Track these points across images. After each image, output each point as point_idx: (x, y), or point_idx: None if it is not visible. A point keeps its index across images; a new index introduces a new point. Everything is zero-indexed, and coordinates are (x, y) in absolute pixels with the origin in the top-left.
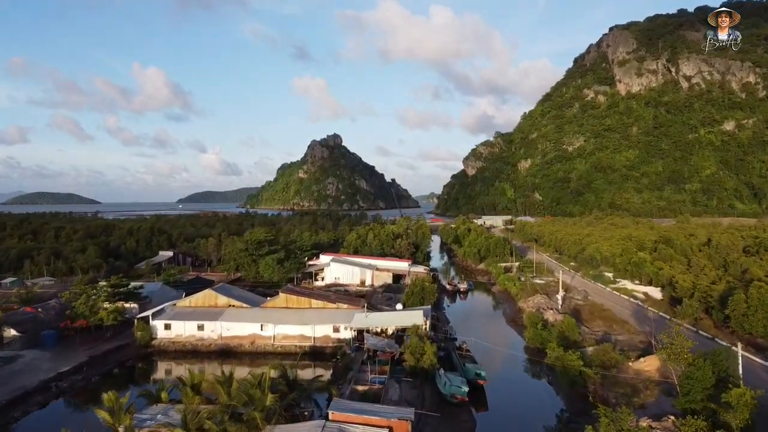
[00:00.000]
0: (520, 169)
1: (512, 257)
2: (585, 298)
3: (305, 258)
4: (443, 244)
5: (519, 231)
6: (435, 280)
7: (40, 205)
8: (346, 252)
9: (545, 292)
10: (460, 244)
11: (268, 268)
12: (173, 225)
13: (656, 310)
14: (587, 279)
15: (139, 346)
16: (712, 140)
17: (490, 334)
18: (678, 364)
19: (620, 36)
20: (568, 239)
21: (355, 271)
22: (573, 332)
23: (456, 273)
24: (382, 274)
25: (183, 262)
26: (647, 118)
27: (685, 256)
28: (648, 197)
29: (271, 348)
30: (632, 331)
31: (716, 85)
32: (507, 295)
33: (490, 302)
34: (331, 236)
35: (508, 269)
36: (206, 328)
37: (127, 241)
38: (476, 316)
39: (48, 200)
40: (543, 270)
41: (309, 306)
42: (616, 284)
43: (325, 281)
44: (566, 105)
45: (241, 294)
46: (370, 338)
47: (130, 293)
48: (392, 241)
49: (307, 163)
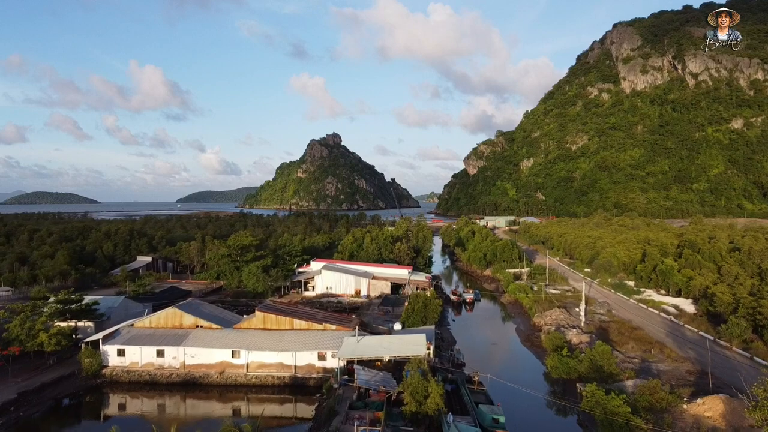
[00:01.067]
0: (522, 168)
1: (521, 262)
2: (609, 312)
3: (294, 265)
4: (445, 246)
5: (524, 232)
6: (438, 290)
7: (38, 205)
8: (340, 257)
9: (562, 304)
10: (464, 247)
11: (252, 276)
12: (160, 226)
13: (694, 328)
14: (606, 288)
15: (87, 376)
16: (720, 138)
17: (503, 359)
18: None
19: (624, 32)
20: (579, 242)
21: (349, 280)
22: (608, 362)
23: (460, 279)
24: (380, 283)
25: (163, 268)
26: (653, 116)
27: (714, 262)
28: (654, 197)
29: (243, 379)
30: (674, 357)
31: (724, 82)
32: (519, 307)
33: (500, 316)
34: (327, 239)
35: (517, 276)
36: (167, 355)
37: (104, 245)
38: (486, 334)
39: (46, 200)
40: (556, 277)
41: (291, 327)
42: (641, 295)
43: (316, 291)
44: (569, 103)
45: (211, 312)
46: (362, 373)
47: (84, 310)
48: (391, 245)
49: (306, 162)
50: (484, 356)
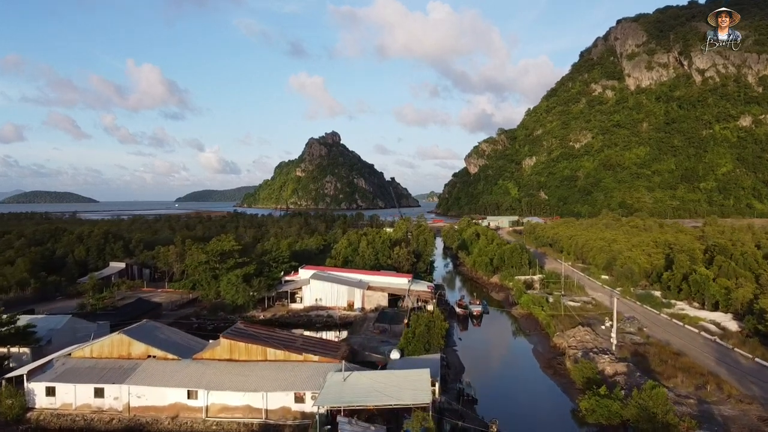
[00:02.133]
0: (524, 166)
1: (531, 268)
2: (641, 331)
3: (281, 273)
4: (447, 249)
5: (529, 234)
6: (441, 300)
7: (35, 204)
8: (333, 263)
9: (585, 320)
10: (468, 251)
11: (231, 287)
12: (147, 227)
13: (748, 353)
14: (630, 299)
15: (7, 421)
16: (728, 136)
17: (522, 393)
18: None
19: (629, 28)
20: (592, 245)
21: (342, 291)
22: (664, 409)
23: (464, 285)
24: (376, 294)
25: (139, 275)
26: (658, 113)
27: (750, 270)
28: (660, 196)
29: (202, 425)
30: (737, 396)
31: (731, 78)
32: (534, 323)
33: (512, 332)
34: (320, 241)
35: (528, 284)
36: (107, 394)
37: (75, 250)
38: (498, 358)
39: (45, 199)
40: (572, 286)
41: (263, 357)
42: (671, 308)
43: (304, 303)
44: (572, 100)
45: (168, 338)
46: (347, 428)
47: (16, 334)
48: (389, 249)
49: (305, 161)
50: (499, 389)
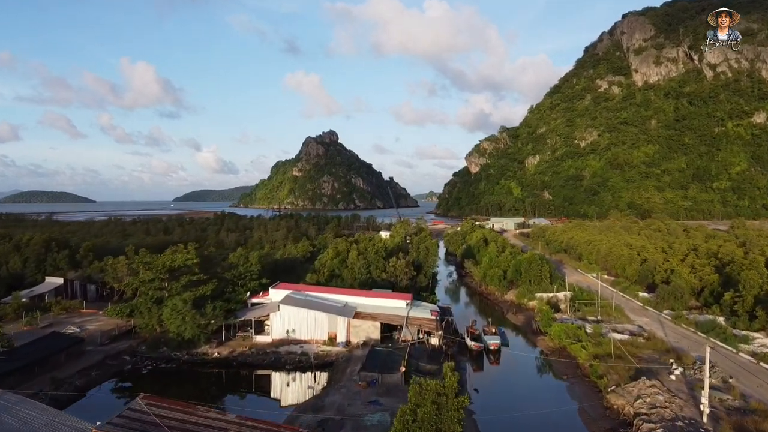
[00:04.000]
0: (527, 165)
1: (553, 283)
2: (727, 384)
3: (247, 294)
4: (449, 254)
5: (539, 237)
6: (448, 329)
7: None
8: (316, 279)
9: (640, 361)
10: (475, 259)
11: (176, 315)
12: (119, 231)
13: None
14: (686, 328)
15: None
16: (741, 134)
17: None
18: None
19: (636, 22)
20: (618, 253)
21: (321, 319)
22: None
23: (470, 300)
24: (365, 324)
25: (82, 293)
26: (667, 110)
27: None
28: (671, 197)
29: None
30: None
31: (744, 73)
32: (571, 363)
33: (544, 378)
34: (308, 248)
35: (553, 304)
36: None
37: (10, 261)
38: (533, 427)
39: (41, 199)
40: (610, 309)
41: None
42: (749, 343)
43: (273, 335)
44: (577, 97)
45: None
46: None
47: None
48: (384, 260)
49: (302, 160)
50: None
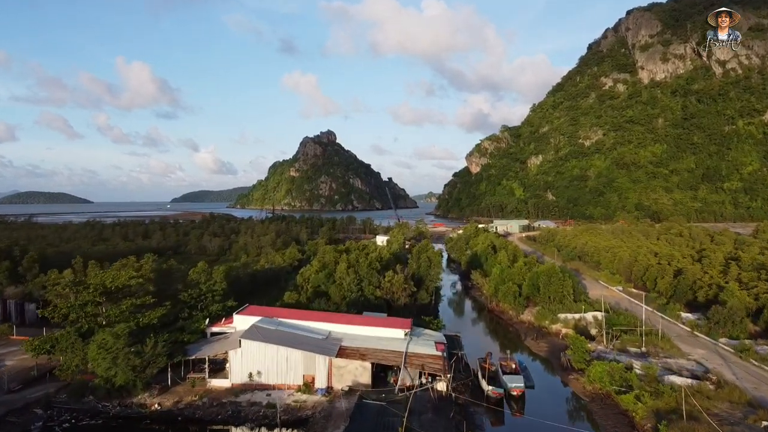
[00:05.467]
0: (530, 165)
1: (576, 299)
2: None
3: (206, 321)
4: (451, 260)
5: (546, 242)
6: (458, 366)
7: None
8: (297, 298)
9: (719, 421)
10: (482, 268)
11: (105, 354)
12: (96, 234)
13: None
14: (757, 365)
15: None
16: (753, 132)
17: None
18: None
19: (642, 18)
20: (644, 262)
21: (295, 359)
22: None
23: (478, 317)
24: (351, 364)
25: (18, 314)
26: (675, 108)
27: None
28: (680, 198)
29: None
30: None
31: (755, 70)
32: (618, 415)
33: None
34: (295, 255)
35: (581, 329)
36: None
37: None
38: None
39: (39, 199)
40: (656, 339)
41: None
42: None
43: (233, 378)
44: (581, 95)
45: None
46: None
47: None
48: (378, 274)
49: (299, 161)
50: None
